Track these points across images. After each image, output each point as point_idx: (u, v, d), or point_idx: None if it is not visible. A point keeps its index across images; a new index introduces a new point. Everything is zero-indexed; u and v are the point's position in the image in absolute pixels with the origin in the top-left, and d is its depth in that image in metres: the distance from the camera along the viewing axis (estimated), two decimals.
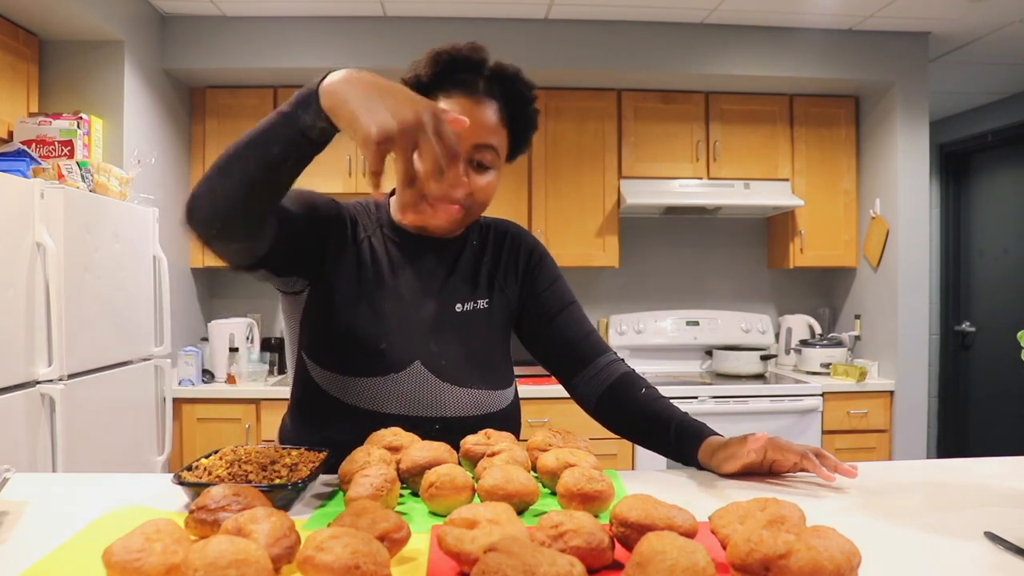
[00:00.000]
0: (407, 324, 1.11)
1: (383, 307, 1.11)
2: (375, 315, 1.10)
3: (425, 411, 1.09)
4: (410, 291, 1.13)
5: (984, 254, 4.38)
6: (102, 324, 2.29)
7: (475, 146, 1.06)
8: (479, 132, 1.06)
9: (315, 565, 0.58)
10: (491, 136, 1.08)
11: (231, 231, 0.92)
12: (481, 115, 1.06)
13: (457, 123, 0.83)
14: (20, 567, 0.67)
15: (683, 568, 0.56)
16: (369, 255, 1.14)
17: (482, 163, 1.08)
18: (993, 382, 4.29)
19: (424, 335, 1.11)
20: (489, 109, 1.07)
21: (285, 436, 1.19)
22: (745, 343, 3.66)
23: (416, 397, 1.09)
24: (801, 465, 0.99)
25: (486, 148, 1.07)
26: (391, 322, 1.11)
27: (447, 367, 1.11)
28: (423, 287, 1.14)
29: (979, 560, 0.71)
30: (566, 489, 0.81)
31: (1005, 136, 4.18)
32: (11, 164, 2.30)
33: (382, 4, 3.05)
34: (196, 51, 3.13)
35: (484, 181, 1.09)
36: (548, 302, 1.22)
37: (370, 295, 1.11)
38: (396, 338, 1.10)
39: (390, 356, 1.09)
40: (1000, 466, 1.10)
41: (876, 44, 3.32)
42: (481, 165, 1.08)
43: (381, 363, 1.09)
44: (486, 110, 1.07)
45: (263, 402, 3.01)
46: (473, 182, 1.08)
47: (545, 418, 3.05)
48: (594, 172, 3.44)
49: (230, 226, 0.92)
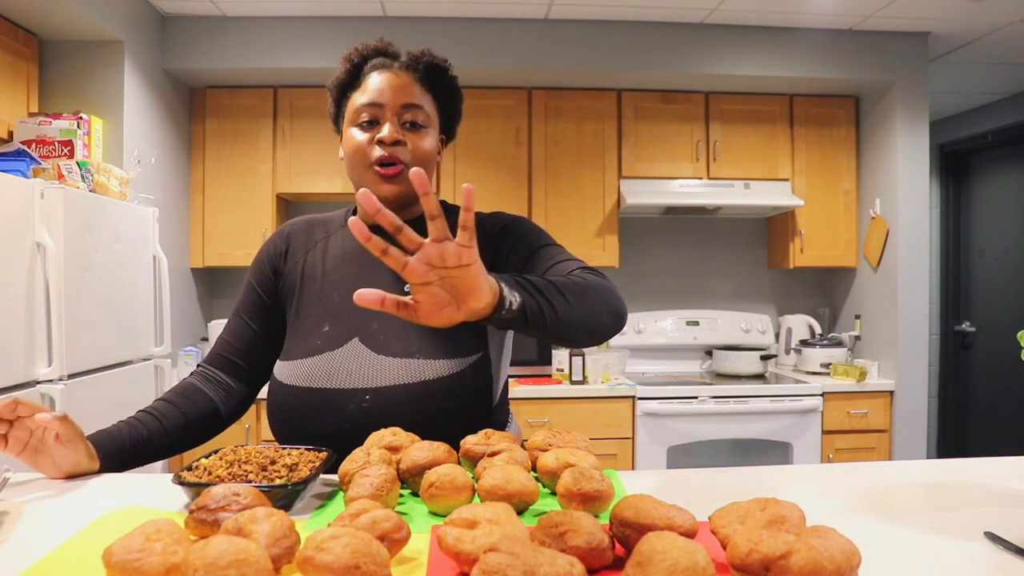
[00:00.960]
0: (350, 306, 1.15)
1: (330, 294, 1.19)
2: (320, 303, 1.18)
3: (354, 383, 1.11)
4: (362, 277, 1.18)
5: (984, 254, 4.38)
6: (102, 324, 2.29)
7: (403, 106, 1.13)
8: (402, 94, 1.14)
9: (315, 565, 0.58)
10: (416, 97, 1.15)
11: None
12: (401, 81, 1.14)
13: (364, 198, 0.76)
14: (20, 567, 0.67)
15: (683, 568, 0.56)
16: (321, 253, 1.23)
17: (415, 122, 1.14)
18: (993, 382, 4.29)
19: (367, 314, 1.14)
20: (408, 77, 1.15)
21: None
22: (745, 343, 3.66)
23: (347, 371, 1.12)
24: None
25: (414, 108, 1.14)
26: (335, 306, 1.17)
27: (385, 341, 1.12)
28: (376, 271, 1.18)
29: (979, 560, 0.71)
30: (566, 489, 0.81)
31: (1005, 136, 4.18)
32: (11, 164, 2.30)
33: (382, 4, 3.05)
34: (196, 51, 3.13)
35: (420, 139, 1.14)
36: (517, 256, 1.15)
37: (319, 288, 1.20)
38: (338, 320, 1.16)
39: (330, 336, 1.15)
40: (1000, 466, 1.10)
41: (876, 44, 3.32)
42: (414, 124, 1.14)
43: (321, 344, 1.15)
44: (405, 77, 1.15)
45: (263, 402, 3.01)
46: (410, 141, 1.13)
47: (545, 418, 3.05)
48: (594, 172, 3.44)
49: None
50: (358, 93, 1.15)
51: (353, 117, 1.15)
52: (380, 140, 1.12)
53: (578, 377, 3.18)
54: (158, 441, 1.11)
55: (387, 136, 1.11)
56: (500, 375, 1.22)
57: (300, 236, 1.27)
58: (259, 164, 3.31)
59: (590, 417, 3.10)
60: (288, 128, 3.33)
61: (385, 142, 1.12)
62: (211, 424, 1.20)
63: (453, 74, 1.21)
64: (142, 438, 1.09)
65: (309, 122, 3.34)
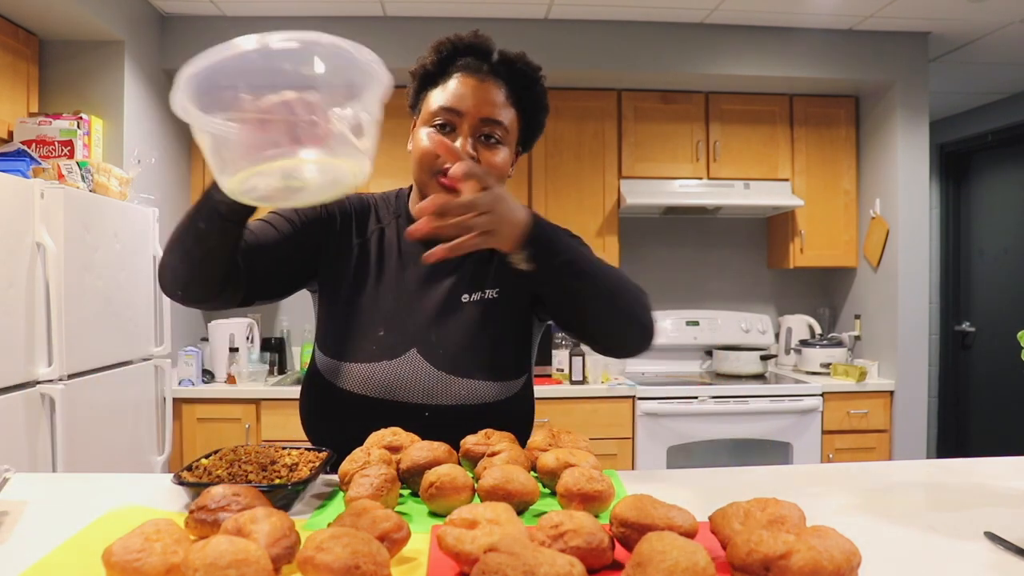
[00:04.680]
0: (407, 312, 1.13)
1: (385, 296, 1.14)
2: (375, 303, 1.14)
3: (414, 398, 1.10)
4: (417, 280, 1.15)
5: (984, 254, 4.38)
6: (102, 324, 2.29)
7: (481, 120, 1.06)
8: (484, 107, 1.06)
9: (315, 565, 0.58)
10: (497, 112, 1.08)
11: (195, 295, 1.04)
12: (486, 92, 1.07)
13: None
14: (20, 567, 0.67)
15: (683, 568, 0.56)
16: (377, 246, 1.17)
17: (491, 136, 1.08)
18: (993, 382, 4.29)
19: (425, 324, 1.12)
20: (494, 87, 1.08)
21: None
22: (745, 343, 3.66)
23: (407, 384, 1.10)
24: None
25: (493, 123, 1.07)
26: (391, 310, 1.13)
27: (444, 356, 1.11)
28: (431, 276, 1.15)
29: (979, 560, 0.71)
30: (566, 489, 0.81)
31: (1005, 136, 4.18)
32: (11, 164, 2.30)
33: (382, 4, 3.05)
34: (196, 51, 3.07)
35: (493, 155, 1.08)
36: None
37: (373, 284, 1.15)
38: (394, 326, 1.12)
39: (386, 343, 1.12)
40: (1000, 466, 1.10)
41: (876, 44, 3.32)
42: (490, 138, 1.08)
43: (377, 350, 1.12)
44: (491, 88, 1.08)
45: (263, 402, 3.01)
46: (482, 156, 1.06)
47: (545, 418, 3.05)
48: (594, 172, 3.44)
49: (192, 292, 1.03)
50: (439, 91, 1.09)
51: (428, 117, 1.08)
52: None
53: (578, 377, 3.18)
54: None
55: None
56: (534, 395, 1.25)
57: (361, 216, 1.20)
58: None
59: (590, 417, 3.09)
60: None
61: None
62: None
63: (544, 86, 1.14)
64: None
65: None
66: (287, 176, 0.71)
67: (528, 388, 1.21)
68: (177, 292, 1.02)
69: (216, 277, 1.00)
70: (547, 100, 1.16)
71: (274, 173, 0.69)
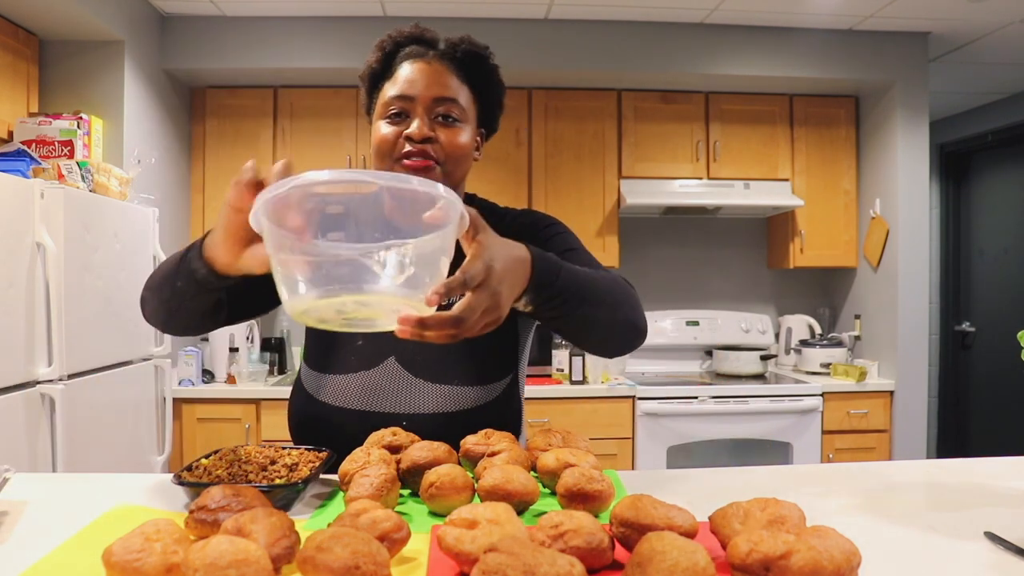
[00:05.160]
0: None
1: None
2: None
3: (391, 407, 1.09)
4: None
5: (984, 254, 4.38)
6: (102, 324, 2.29)
7: (434, 100, 1.05)
8: (434, 87, 1.05)
9: (315, 565, 0.58)
10: (449, 91, 1.06)
11: (174, 331, 1.05)
12: (434, 73, 1.06)
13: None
14: (20, 567, 0.67)
15: (683, 568, 0.56)
16: None
17: (448, 115, 1.06)
18: (993, 382, 4.29)
19: None
20: (442, 68, 1.07)
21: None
22: (745, 343, 3.66)
23: (384, 393, 1.09)
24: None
25: (448, 101, 1.06)
26: None
27: (423, 363, 1.10)
28: None
29: (979, 560, 0.71)
30: (566, 489, 0.81)
31: (1005, 136, 4.18)
32: (11, 164, 2.30)
33: (382, 4, 3.05)
34: (196, 51, 3.13)
35: (454, 134, 1.06)
36: (553, 248, 1.13)
37: None
38: (372, 335, 1.09)
39: (364, 353, 1.11)
40: (1000, 466, 1.10)
41: (876, 44, 3.32)
42: (448, 117, 1.06)
43: (355, 360, 1.11)
44: (439, 69, 1.07)
45: (263, 402, 3.01)
46: (442, 136, 1.05)
47: (545, 418, 3.05)
48: (594, 172, 3.44)
49: (171, 329, 1.04)
50: (389, 84, 1.08)
51: (382, 110, 1.07)
52: (408, 137, 1.04)
53: (578, 377, 3.18)
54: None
55: (415, 133, 1.03)
56: (523, 393, 1.23)
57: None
58: (259, 164, 3.30)
59: (590, 417, 3.09)
60: (288, 128, 3.33)
61: (414, 139, 1.03)
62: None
63: (494, 63, 1.13)
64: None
65: (309, 122, 3.34)
66: (341, 311, 0.69)
67: (514, 387, 1.17)
68: (157, 326, 1.05)
69: (194, 321, 1.01)
70: (499, 77, 1.14)
71: (332, 307, 0.67)
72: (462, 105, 1.07)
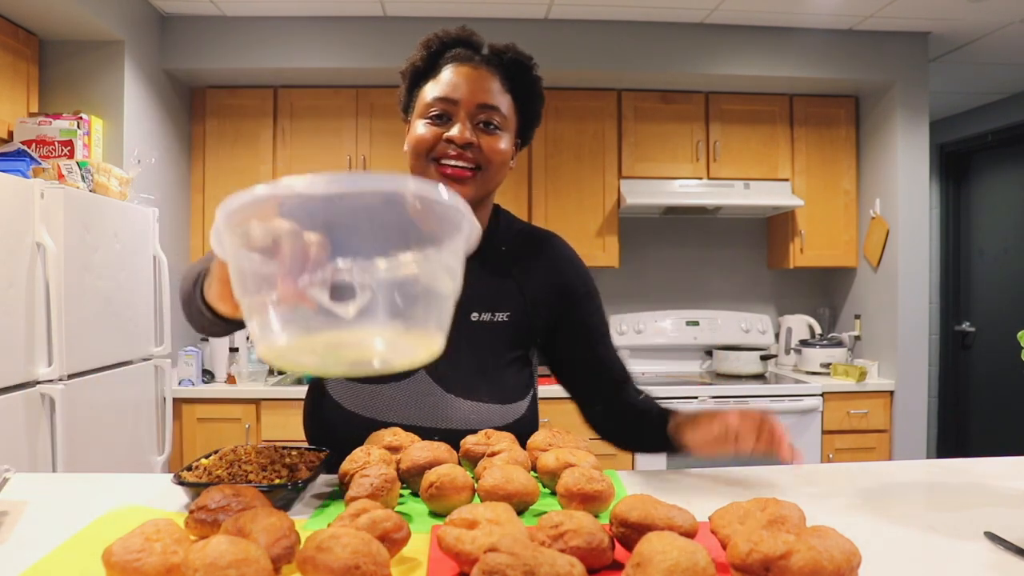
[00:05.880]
0: None
1: None
2: None
3: (425, 421, 1.08)
4: None
5: (984, 254, 4.38)
6: (102, 324, 2.29)
7: (478, 106, 1.05)
8: (479, 93, 1.05)
9: (315, 565, 0.58)
10: (493, 97, 1.06)
11: (212, 336, 1.03)
12: (480, 79, 1.06)
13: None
14: (20, 567, 0.67)
15: (683, 568, 0.56)
16: None
17: (490, 123, 1.06)
18: (993, 382, 4.29)
19: None
20: (488, 75, 1.07)
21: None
22: (745, 343, 3.66)
23: (417, 407, 1.08)
24: (761, 447, 1.02)
25: (490, 108, 1.05)
26: None
27: (453, 378, 1.09)
28: None
29: (979, 560, 0.71)
30: (566, 489, 0.81)
31: (1005, 136, 4.18)
32: (11, 164, 2.30)
33: (382, 4, 3.05)
34: (196, 51, 3.13)
35: (495, 141, 1.06)
36: (592, 330, 1.19)
37: None
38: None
39: None
40: (1000, 466, 1.10)
41: (876, 44, 3.32)
42: (488, 124, 1.06)
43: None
44: (485, 75, 1.07)
45: (263, 402, 3.01)
46: (483, 142, 1.05)
47: (545, 418, 3.05)
48: (594, 172, 3.44)
49: (209, 335, 1.06)
50: (431, 84, 1.07)
51: (423, 110, 1.06)
52: (449, 139, 1.02)
53: None
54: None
55: (457, 136, 1.02)
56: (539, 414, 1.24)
57: None
58: (259, 164, 3.31)
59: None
60: (288, 128, 3.33)
61: (455, 142, 1.02)
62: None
63: (537, 74, 1.13)
64: None
65: (309, 122, 3.34)
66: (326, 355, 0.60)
67: (534, 401, 1.20)
68: (195, 328, 1.00)
69: (225, 331, 0.97)
70: (541, 89, 1.14)
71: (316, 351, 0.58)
72: (504, 113, 1.07)
